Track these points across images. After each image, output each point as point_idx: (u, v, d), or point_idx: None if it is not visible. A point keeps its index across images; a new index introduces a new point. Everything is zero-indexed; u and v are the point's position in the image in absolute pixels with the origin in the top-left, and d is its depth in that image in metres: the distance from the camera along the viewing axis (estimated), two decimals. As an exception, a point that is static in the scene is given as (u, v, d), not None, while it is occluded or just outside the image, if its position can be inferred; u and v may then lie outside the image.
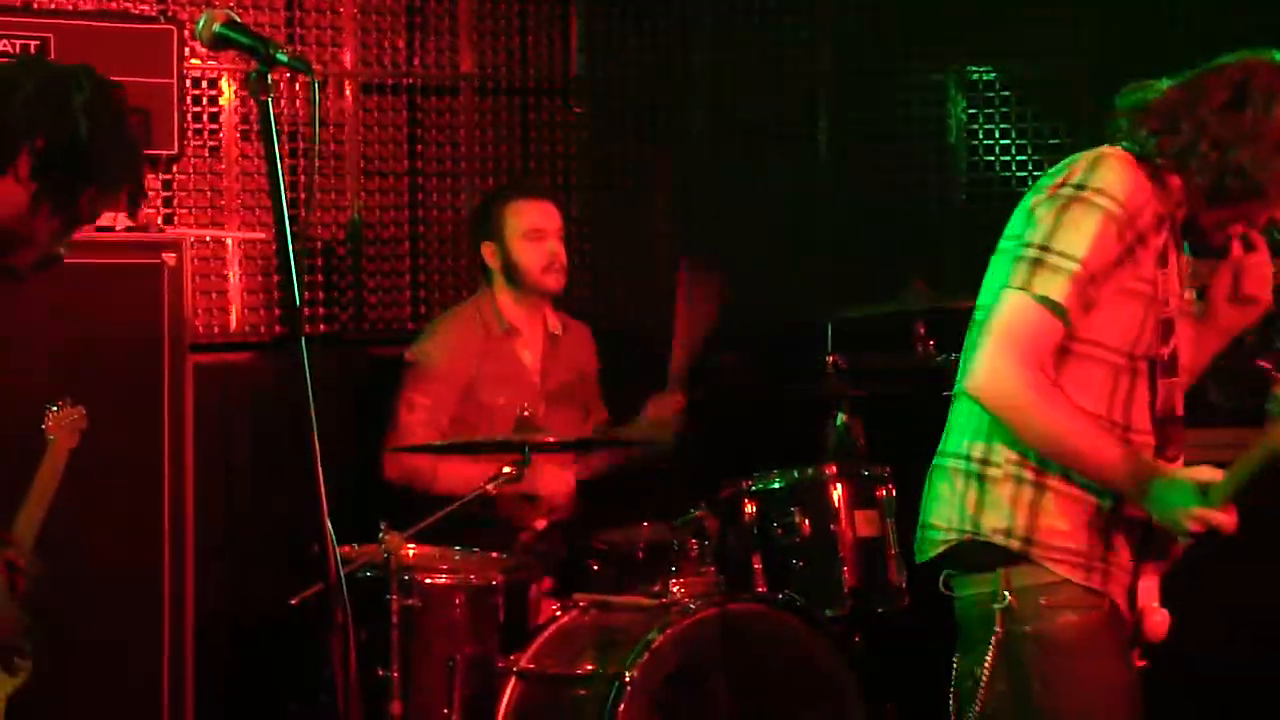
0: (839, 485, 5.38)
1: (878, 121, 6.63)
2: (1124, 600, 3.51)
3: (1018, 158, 6.44)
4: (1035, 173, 6.14)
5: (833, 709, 4.93)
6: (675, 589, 4.94)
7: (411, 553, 4.94)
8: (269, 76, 3.03)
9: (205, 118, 5.90)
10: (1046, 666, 3.48)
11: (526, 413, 5.15)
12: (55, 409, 4.45)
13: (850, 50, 6.64)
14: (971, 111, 6.53)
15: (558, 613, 5.01)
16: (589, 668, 4.80)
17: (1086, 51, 6.42)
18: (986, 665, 3.48)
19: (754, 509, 5.36)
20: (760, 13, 6.67)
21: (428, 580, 4.92)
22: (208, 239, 5.90)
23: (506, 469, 5.00)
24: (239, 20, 3.10)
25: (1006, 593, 3.48)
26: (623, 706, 4.64)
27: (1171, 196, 3.48)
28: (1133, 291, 3.45)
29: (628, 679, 4.66)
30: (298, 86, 6.03)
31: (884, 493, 5.42)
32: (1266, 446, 3.26)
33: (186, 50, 5.54)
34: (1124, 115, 3.54)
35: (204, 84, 5.89)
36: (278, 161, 3.04)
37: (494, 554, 5.14)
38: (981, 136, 6.52)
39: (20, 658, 3.64)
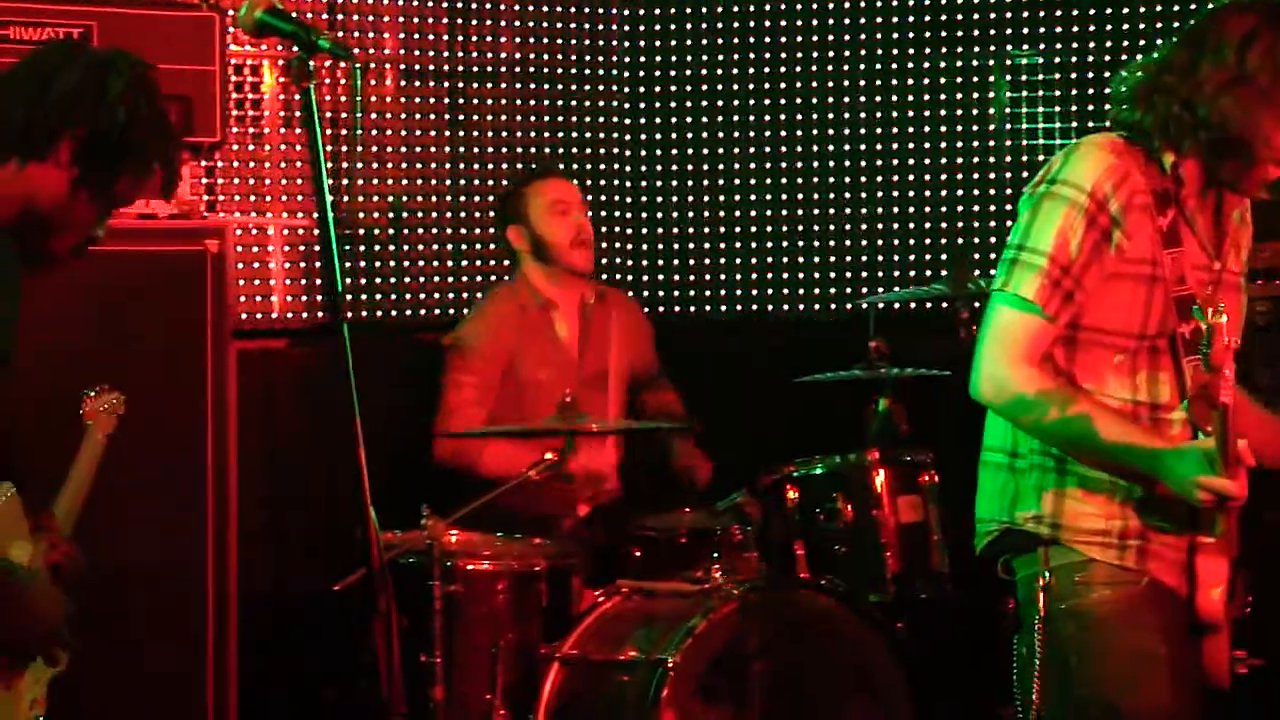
0: (881, 471, 5.39)
1: (919, 106, 6.59)
2: (1177, 578, 3.47)
3: (1061, 141, 6.39)
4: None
5: (875, 695, 4.91)
6: (718, 575, 4.93)
7: (454, 539, 4.94)
8: (311, 63, 3.03)
9: (247, 104, 5.92)
10: (1083, 640, 3.49)
11: (569, 398, 5.14)
12: (93, 394, 4.44)
13: (891, 32, 6.61)
14: (1014, 95, 6.48)
15: (600, 599, 5.01)
16: (632, 653, 4.80)
17: (1130, 34, 6.38)
18: (1038, 646, 3.49)
19: (796, 495, 5.36)
20: (802, -3, 6.66)
21: (470, 566, 4.92)
22: (251, 226, 5.92)
23: (549, 455, 5.01)
24: (281, 7, 3.10)
25: (1047, 571, 3.50)
26: (666, 692, 4.64)
27: (1170, 173, 3.45)
28: (1126, 275, 3.44)
29: (670, 665, 4.65)
30: (339, 73, 6.04)
31: (927, 478, 5.41)
32: (1217, 408, 3.23)
33: (229, 37, 5.54)
34: (1120, 103, 3.51)
35: (246, 71, 5.90)
36: (320, 148, 3.04)
37: (536, 540, 5.14)
38: (1025, 120, 6.48)
39: (62, 647, 3.64)
